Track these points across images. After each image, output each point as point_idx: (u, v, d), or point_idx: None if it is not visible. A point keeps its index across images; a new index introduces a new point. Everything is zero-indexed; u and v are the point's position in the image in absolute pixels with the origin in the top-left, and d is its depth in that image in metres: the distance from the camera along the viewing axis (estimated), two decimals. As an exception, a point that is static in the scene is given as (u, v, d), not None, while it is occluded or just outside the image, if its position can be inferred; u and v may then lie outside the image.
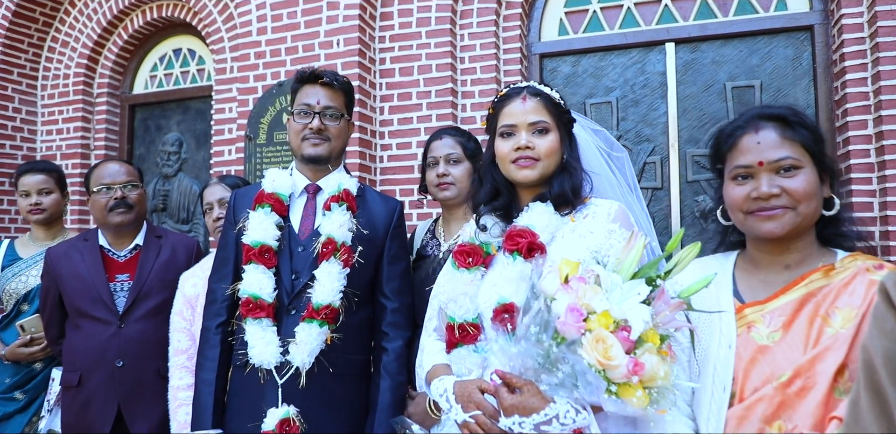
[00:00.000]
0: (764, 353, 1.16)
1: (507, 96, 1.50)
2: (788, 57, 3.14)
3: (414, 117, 3.36)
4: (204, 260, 2.22)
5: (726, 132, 1.32)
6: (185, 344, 2.09)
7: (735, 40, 3.21)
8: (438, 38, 3.34)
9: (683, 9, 3.30)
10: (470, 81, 3.38)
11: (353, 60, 3.28)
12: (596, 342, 0.93)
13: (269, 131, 3.41)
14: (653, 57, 3.35)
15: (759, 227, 1.23)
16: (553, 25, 3.52)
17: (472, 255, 1.48)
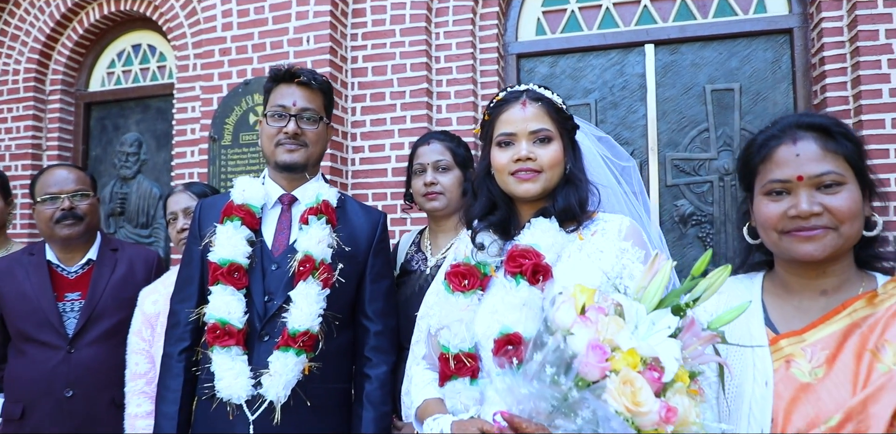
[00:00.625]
0: (807, 392, 1.04)
1: (505, 101, 1.36)
2: (768, 60, 3.13)
3: (388, 118, 3.26)
4: (166, 275, 2.07)
5: (758, 142, 1.19)
6: (143, 367, 1.93)
7: (714, 42, 3.19)
8: (413, 36, 3.24)
9: (663, 10, 3.26)
10: (446, 82, 3.29)
11: (325, 59, 3.16)
12: (623, 385, 0.81)
13: (235, 132, 3.27)
14: (632, 58, 3.31)
15: (796, 249, 1.11)
16: (530, 25, 3.46)
17: (468, 277, 1.34)
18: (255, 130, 3.23)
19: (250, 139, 3.24)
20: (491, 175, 1.41)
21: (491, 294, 1.34)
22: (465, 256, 1.39)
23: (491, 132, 1.38)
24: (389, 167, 3.24)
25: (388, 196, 3.24)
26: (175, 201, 2.07)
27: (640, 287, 0.95)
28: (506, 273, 1.30)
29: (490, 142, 1.39)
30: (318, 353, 1.54)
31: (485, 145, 1.43)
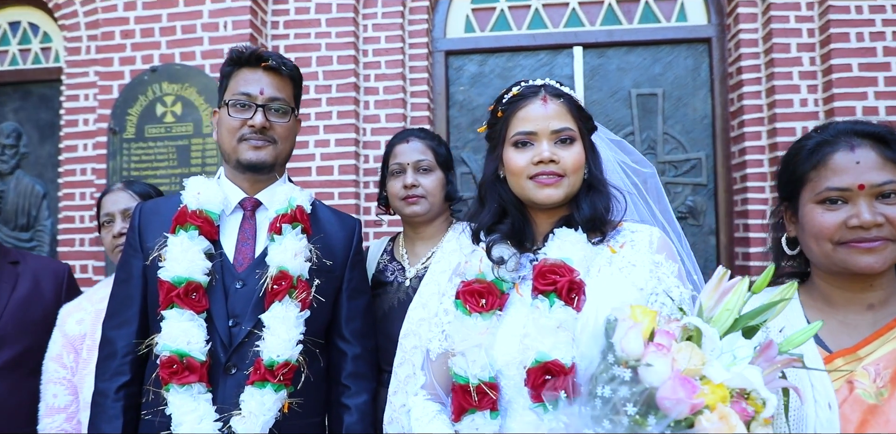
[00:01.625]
0: (875, 415, 1.00)
1: (522, 96, 1.24)
2: (689, 67, 3.27)
3: (312, 113, 3.09)
4: (93, 289, 1.80)
5: (808, 147, 1.13)
6: (63, 400, 1.66)
7: (640, 48, 3.29)
8: (340, 27, 3.10)
9: (590, 13, 3.32)
10: (374, 77, 3.17)
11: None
12: (720, 421, 0.74)
13: (140, 124, 2.97)
14: (560, 60, 3.35)
15: (854, 261, 1.06)
16: (459, 22, 3.41)
17: (486, 296, 1.20)
18: (163, 123, 2.96)
19: (158, 133, 2.96)
20: (500, 179, 1.29)
21: (511, 315, 1.21)
22: (479, 272, 1.25)
23: (504, 131, 1.25)
24: (314, 166, 3.08)
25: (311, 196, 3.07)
26: (112, 201, 1.80)
27: (706, 307, 0.89)
28: (536, 292, 1.17)
29: (502, 141, 1.25)
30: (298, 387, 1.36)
31: (495, 145, 1.29)
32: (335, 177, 3.06)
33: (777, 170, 1.26)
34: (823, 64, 2.88)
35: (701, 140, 3.25)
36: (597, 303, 1.10)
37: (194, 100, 2.94)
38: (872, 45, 2.82)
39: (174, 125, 2.95)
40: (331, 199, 3.04)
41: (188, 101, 2.95)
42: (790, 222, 1.21)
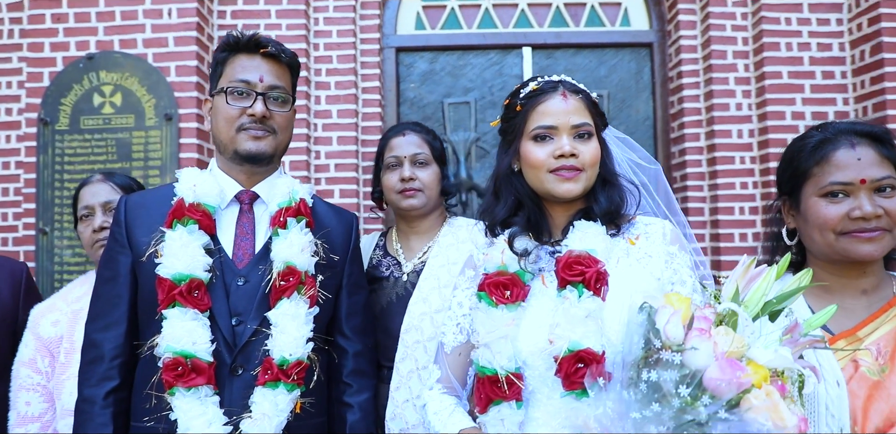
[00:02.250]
0: (878, 390, 1.10)
1: (542, 91, 1.26)
2: (632, 70, 3.42)
3: (262, 107, 3.01)
4: (67, 288, 1.70)
5: (811, 145, 1.23)
6: (37, 408, 1.55)
7: (586, 50, 3.40)
8: (291, 19, 3.04)
9: (539, 15, 3.41)
10: (325, 71, 3.12)
11: (191, 36, 2.84)
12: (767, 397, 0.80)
13: (75, 115, 2.80)
14: (510, 60, 3.42)
15: (855, 250, 1.16)
16: (410, 19, 3.41)
17: (511, 288, 1.23)
18: (101, 114, 2.81)
19: (95, 124, 2.80)
20: (515, 172, 1.32)
21: (535, 306, 1.24)
22: (501, 264, 1.26)
23: (523, 124, 1.27)
24: (264, 161, 3.00)
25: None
26: (92, 193, 1.70)
27: (733, 293, 0.95)
28: (563, 283, 1.19)
29: (519, 135, 1.28)
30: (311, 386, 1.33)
31: (511, 140, 1.31)
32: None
33: (778, 167, 1.35)
34: (757, 71, 3.08)
35: (643, 141, 3.39)
36: (619, 293, 1.16)
37: (136, 90, 2.80)
38: (800, 54, 3.04)
39: (113, 117, 2.80)
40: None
41: (129, 92, 2.81)
42: (789, 215, 1.31)
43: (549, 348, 1.15)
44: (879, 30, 2.86)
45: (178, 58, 2.85)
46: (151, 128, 2.81)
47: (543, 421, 1.15)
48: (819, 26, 3.05)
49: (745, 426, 0.82)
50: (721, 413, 0.82)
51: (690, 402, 0.84)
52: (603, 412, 0.92)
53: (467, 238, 1.73)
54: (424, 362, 1.58)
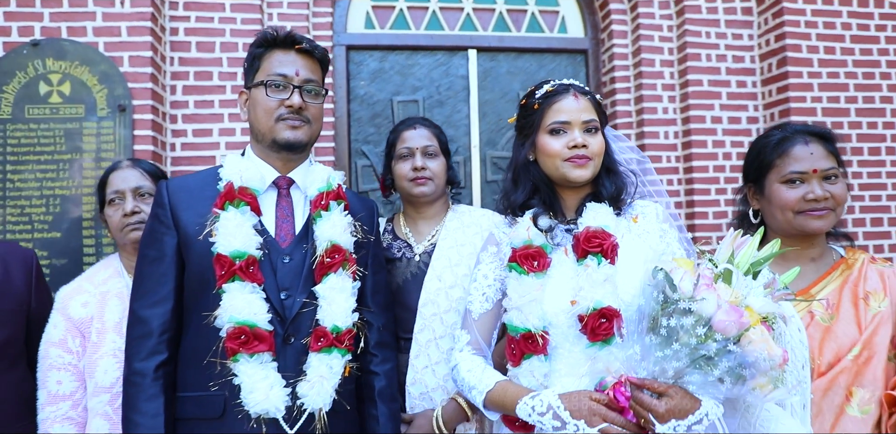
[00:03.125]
0: (829, 333, 1.40)
1: (557, 92, 1.47)
2: (569, 74, 3.67)
3: (216, 101, 3.03)
4: (91, 271, 1.71)
5: (773, 142, 1.54)
6: (69, 386, 1.57)
7: (527, 54, 3.63)
8: (246, 13, 3.06)
9: (483, 19, 3.60)
10: (280, 66, 3.17)
11: (145, 26, 2.81)
12: (761, 334, 1.03)
13: (18, 104, 2.70)
14: (456, 61, 3.59)
15: (808, 225, 1.48)
16: (360, 18, 3.51)
17: (538, 259, 1.42)
18: (47, 103, 2.73)
19: (41, 114, 2.72)
20: (532, 162, 1.50)
21: (557, 273, 1.43)
22: (528, 238, 1.44)
23: (539, 120, 1.47)
24: (218, 154, 3.02)
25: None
26: (122, 178, 1.73)
27: (726, 257, 1.16)
28: (582, 252, 1.39)
29: (536, 129, 1.48)
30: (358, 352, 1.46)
31: (528, 133, 1.51)
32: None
33: (745, 160, 1.65)
34: (681, 78, 3.42)
35: (579, 140, 3.67)
36: (627, 262, 1.37)
37: (87, 80, 2.74)
38: (718, 65, 3.40)
39: (62, 106, 2.73)
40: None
41: (79, 81, 2.74)
42: (753, 198, 1.61)
43: (572, 309, 1.35)
44: (784, 46, 3.27)
45: (131, 48, 2.81)
46: (104, 118, 2.76)
47: (565, 371, 1.34)
48: (734, 40, 3.43)
49: (745, 356, 1.05)
50: (730, 346, 1.04)
51: (704, 340, 1.07)
52: (630, 355, 1.11)
53: (471, 222, 1.90)
54: (441, 332, 1.75)
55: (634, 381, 1.18)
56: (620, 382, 1.20)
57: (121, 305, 1.63)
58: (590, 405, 1.21)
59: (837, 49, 3.31)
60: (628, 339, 1.24)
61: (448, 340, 1.71)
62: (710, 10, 3.42)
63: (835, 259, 1.56)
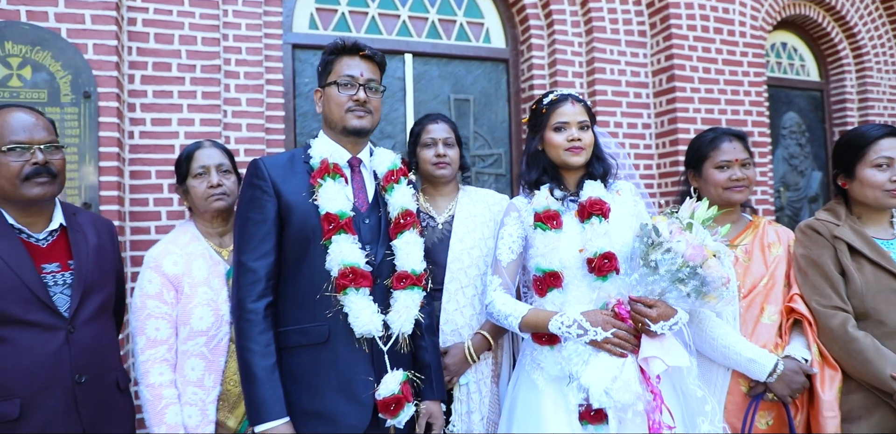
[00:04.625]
0: (747, 270, 1.98)
1: (559, 100, 1.93)
2: (492, 80, 4.13)
3: (175, 91, 3.11)
4: (173, 234, 1.92)
5: (707, 139, 2.09)
6: (165, 332, 1.76)
7: (457, 60, 4.03)
8: (204, 8, 3.18)
9: (418, 27, 3.95)
10: (235, 61, 3.31)
11: (110, 15, 2.85)
12: (715, 263, 1.51)
13: (-26, 86, 2.65)
14: (394, 64, 3.90)
15: (732, 197, 2.06)
16: (304, 18, 3.72)
17: (556, 219, 1.85)
18: (8, 87, 2.69)
19: (0, 97, 2.68)
20: (541, 151, 1.94)
21: (568, 231, 1.86)
22: (546, 205, 1.87)
23: (546, 121, 1.91)
24: (178, 143, 3.10)
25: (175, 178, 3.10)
26: (207, 155, 1.95)
27: (687, 215, 1.63)
28: (586, 214, 1.83)
29: (544, 127, 1.92)
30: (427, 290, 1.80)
31: (537, 130, 1.95)
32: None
33: (686, 152, 2.19)
34: (589, 88, 3.99)
35: (501, 139, 4.13)
36: (615, 222, 1.86)
37: (49, 65, 2.74)
38: (619, 78, 4.00)
39: (23, 90, 2.71)
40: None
41: (41, 66, 2.73)
42: (693, 180, 2.13)
43: (580, 255, 1.81)
44: (672, 65, 3.94)
45: (96, 36, 2.84)
46: (68, 105, 2.77)
47: (575, 301, 1.79)
48: (632, 58, 4.06)
49: (706, 277, 1.56)
50: (697, 270, 1.52)
51: (679, 268, 1.57)
52: (627, 283, 1.64)
53: (477, 199, 2.30)
54: (465, 283, 2.13)
55: (634, 298, 1.66)
56: (620, 302, 1.69)
57: (205, 264, 1.84)
58: (602, 317, 1.68)
59: (712, 69, 4.04)
60: (624, 273, 1.75)
61: (471, 289, 2.12)
62: (613, 31, 4.02)
63: (746, 222, 2.13)
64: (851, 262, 1.83)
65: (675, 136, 3.97)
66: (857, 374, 1.75)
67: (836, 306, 1.81)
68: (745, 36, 4.18)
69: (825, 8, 5.06)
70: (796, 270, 1.89)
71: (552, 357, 1.74)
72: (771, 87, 4.83)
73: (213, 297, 1.80)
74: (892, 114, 5.23)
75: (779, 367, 1.76)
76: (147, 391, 1.72)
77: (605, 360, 1.62)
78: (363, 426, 1.63)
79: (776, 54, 5.09)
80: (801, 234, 1.98)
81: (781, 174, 5.02)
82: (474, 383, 2.03)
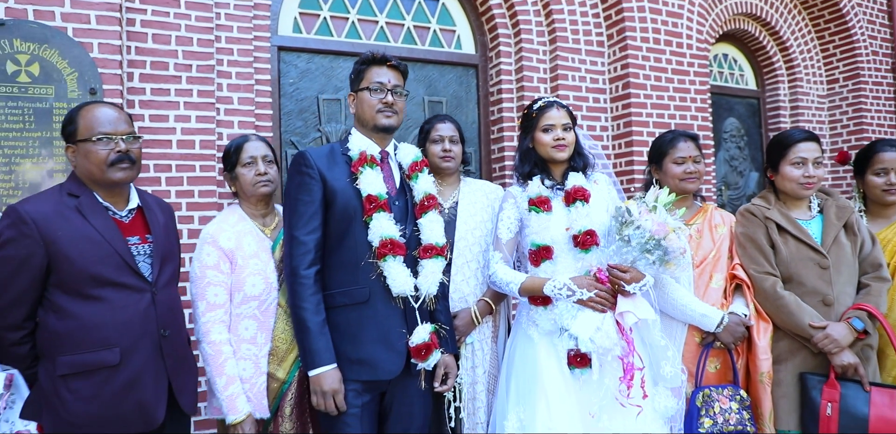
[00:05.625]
0: (699, 245, 2.31)
1: (547, 106, 2.28)
2: (464, 84, 4.47)
3: (172, 90, 3.32)
4: (224, 215, 2.18)
5: (667, 139, 2.42)
6: (222, 298, 2.02)
7: (431, 65, 4.35)
8: (199, 11, 3.40)
9: (394, 32, 4.26)
10: (227, 62, 3.55)
11: (114, 17, 3.05)
12: (676, 237, 1.86)
13: (-16, 80, 2.82)
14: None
15: (687, 187, 2.38)
16: (289, 22, 3.98)
17: (547, 203, 2.20)
18: (16, 82, 2.87)
19: (9, 92, 2.84)
20: (532, 148, 2.29)
21: (555, 213, 2.21)
22: (538, 191, 2.21)
23: (536, 123, 2.26)
24: (175, 139, 3.32)
25: (174, 168, 3.32)
26: (255, 147, 2.20)
27: (652, 200, 1.99)
28: (571, 199, 2.17)
29: (534, 129, 2.27)
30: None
31: (528, 131, 2.30)
32: (196, 150, 3.36)
33: (649, 150, 2.52)
34: (553, 93, 4.37)
35: (471, 139, 4.46)
36: (594, 205, 2.20)
37: (57, 63, 2.93)
38: (580, 84, 4.40)
39: (31, 86, 2.88)
40: (192, 172, 3.35)
41: (49, 63, 2.92)
42: (655, 173, 2.46)
43: (566, 233, 2.16)
44: (627, 73, 4.37)
45: (100, 36, 3.04)
46: (74, 100, 2.95)
47: (562, 270, 2.13)
48: (591, 66, 4.47)
49: (668, 248, 1.91)
50: (662, 242, 1.89)
51: (647, 240, 1.92)
52: (606, 254, 1.99)
53: (476, 188, 2.61)
54: (470, 258, 2.44)
55: (611, 265, 2.03)
56: (600, 270, 2.06)
57: (253, 240, 2.10)
58: (587, 281, 2.05)
59: (663, 78, 4.49)
60: (602, 246, 2.13)
61: (474, 263, 2.44)
62: (575, 41, 4.43)
63: (697, 207, 2.52)
64: (779, 237, 2.23)
65: (631, 138, 4.40)
66: (784, 325, 2.16)
67: (767, 272, 2.20)
68: (691, 48, 4.66)
69: (762, 23, 5.62)
70: (737, 245, 2.28)
71: (545, 315, 2.09)
72: (714, 94, 5.34)
73: (263, 268, 2.06)
74: (820, 120, 5.85)
75: (725, 321, 2.14)
76: (208, 348, 1.97)
77: (589, 314, 1.98)
78: (397, 370, 1.97)
79: (718, 65, 5.63)
80: (740, 216, 2.38)
81: (723, 174, 5.54)
82: (478, 342, 2.37)
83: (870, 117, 5.70)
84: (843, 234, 2.23)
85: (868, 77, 5.74)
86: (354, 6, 4.14)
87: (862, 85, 5.69)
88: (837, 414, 1.93)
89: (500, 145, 4.36)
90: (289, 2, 3.97)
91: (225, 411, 1.97)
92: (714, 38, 5.09)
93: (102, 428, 1.73)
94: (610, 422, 1.95)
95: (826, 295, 2.14)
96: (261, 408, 2.02)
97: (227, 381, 1.95)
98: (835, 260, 2.18)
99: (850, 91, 5.76)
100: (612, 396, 1.95)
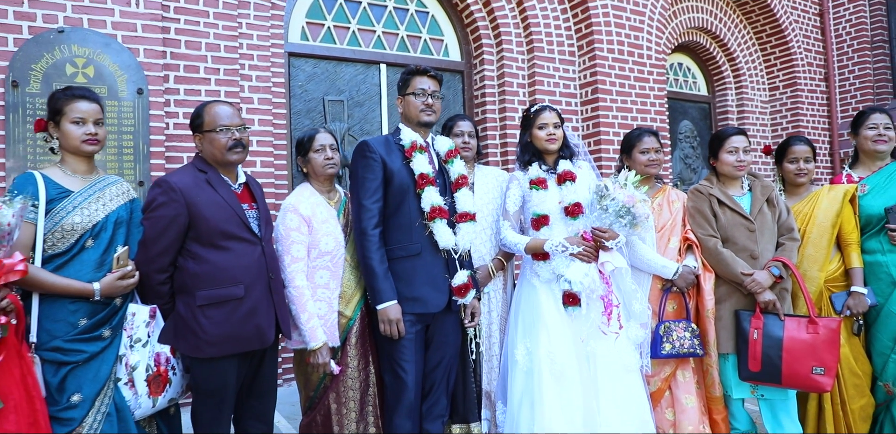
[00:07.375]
0: (659, 215, 2.87)
1: (542, 109, 2.81)
2: (452, 88, 5.07)
3: (202, 90, 3.83)
4: (298, 192, 2.67)
5: (634, 135, 2.98)
6: (303, 253, 2.50)
7: (422, 71, 4.94)
8: (225, 21, 3.92)
9: (390, 41, 4.84)
10: (248, 66, 4.07)
11: (157, 25, 3.55)
12: (642, 207, 2.48)
13: (47, 81, 3.27)
14: (371, 72, 4.77)
15: (650, 171, 2.91)
16: (297, 30, 4.52)
17: (544, 182, 2.74)
18: (74, 82, 3.35)
19: (69, 90, 3.33)
20: (530, 142, 2.83)
21: (550, 191, 2.75)
22: (537, 173, 2.76)
23: (533, 122, 2.79)
24: (205, 133, 3.83)
25: (204, 158, 3.83)
26: (324, 138, 2.68)
27: (623, 179, 2.60)
28: (565, 180, 2.72)
29: (531, 126, 2.80)
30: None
31: (527, 128, 2.84)
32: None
33: (622, 143, 3.09)
34: (531, 97, 5.01)
35: (458, 137, 5.07)
36: (579, 185, 2.74)
37: (108, 66, 3.42)
38: (554, 89, 5.05)
39: (86, 86, 3.37)
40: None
41: (102, 66, 3.40)
42: (626, 160, 3.05)
43: (559, 205, 2.71)
44: (596, 80, 5.03)
45: (146, 42, 3.54)
46: (124, 99, 3.45)
47: (556, 234, 2.66)
48: (564, 73, 5.12)
49: (636, 213, 2.49)
50: (631, 209, 2.49)
51: (620, 208, 2.50)
52: (591, 221, 2.56)
53: (488, 173, 3.16)
54: (484, 226, 2.95)
55: (594, 227, 2.60)
56: (585, 232, 2.61)
57: (325, 209, 2.60)
58: (576, 240, 2.60)
59: (626, 84, 5.18)
60: (587, 215, 2.69)
61: (489, 230, 2.96)
62: (550, 51, 5.08)
63: (658, 187, 3.10)
64: (719, 209, 2.86)
65: (599, 137, 5.07)
66: (723, 274, 2.78)
67: (711, 235, 2.83)
68: (651, 58, 5.36)
69: (712, 36, 6.39)
70: (688, 215, 2.90)
71: (545, 267, 2.67)
72: (670, 99, 6.08)
73: (333, 230, 2.58)
74: (763, 123, 6.65)
75: (679, 270, 2.75)
76: (294, 291, 2.48)
77: (579, 264, 2.57)
78: (442, 305, 2.53)
79: (674, 73, 6.37)
80: (691, 193, 3.02)
81: (678, 171, 6.27)
82: (493, 292, 2.93)
83: (805, 121, 6.52)
84: (766, 206, 2.87)
85: (804, 85, 6.57)
86: (355, 17, 4.71)
87: (799, 92, 6.51)
88: (761, 337, 2.60)
89: (484, 143, 4.96)
90: (298, 12, 4.52)
91: (307, 340, 2.47)
92: (671, 49, 5.82)
93: (230, 345, 2.24)
94: (595, 345, 2.56)
95: (753, 251, 2.79)
96: (333, 338, 2.54)
97: (309, 317, 2.47)
98: (759, 225, 2.83)
99: (789, 97, 6.58)
100: (596, 326, 2.55)
